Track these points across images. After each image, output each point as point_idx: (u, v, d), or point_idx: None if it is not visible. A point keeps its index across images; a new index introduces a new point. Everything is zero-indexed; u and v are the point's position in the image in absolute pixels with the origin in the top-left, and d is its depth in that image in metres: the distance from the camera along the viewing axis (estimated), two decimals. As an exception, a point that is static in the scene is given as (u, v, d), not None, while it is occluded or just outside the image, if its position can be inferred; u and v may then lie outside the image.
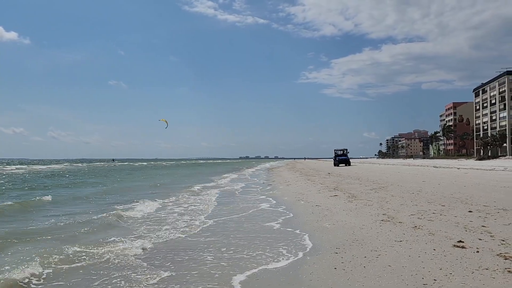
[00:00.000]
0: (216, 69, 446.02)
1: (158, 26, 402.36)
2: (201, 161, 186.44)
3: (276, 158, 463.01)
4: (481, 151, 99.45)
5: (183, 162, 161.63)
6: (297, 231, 8.89)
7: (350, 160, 61.11)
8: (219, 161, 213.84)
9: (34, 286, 5.67)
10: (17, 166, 78.44)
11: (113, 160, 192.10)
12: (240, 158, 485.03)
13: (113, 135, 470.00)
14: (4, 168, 67.30)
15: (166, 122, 42.06)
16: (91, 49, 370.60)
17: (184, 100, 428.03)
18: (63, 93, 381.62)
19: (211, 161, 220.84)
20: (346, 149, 61.51)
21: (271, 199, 16.23)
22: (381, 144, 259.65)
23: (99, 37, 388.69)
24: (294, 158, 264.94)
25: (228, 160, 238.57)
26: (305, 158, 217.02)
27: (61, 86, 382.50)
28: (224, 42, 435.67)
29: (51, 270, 6.28)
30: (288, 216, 11.26)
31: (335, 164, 58.25)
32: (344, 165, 56.98)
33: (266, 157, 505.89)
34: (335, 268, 5.79)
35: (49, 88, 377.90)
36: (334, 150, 62.61)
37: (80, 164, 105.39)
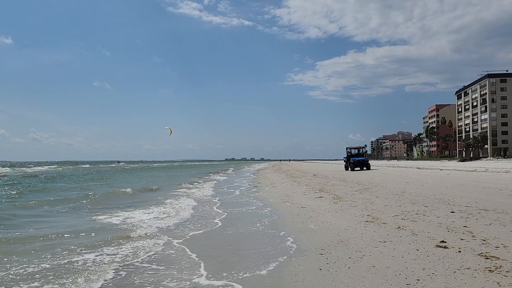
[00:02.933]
0: (200, 70, 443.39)
1: (143, 27, 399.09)
2: (197, 163, 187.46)
3: (262, 159, 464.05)
4: (463, 153, 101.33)
5: (188, 164, 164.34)
6: (282, 233, 8.89)
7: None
8: (206, 163, 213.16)
9: None
10: (38, 168, 77.61)
11: (118, 162, 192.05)
12: (226, 160, 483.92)
13: (96, 137, 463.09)
14: (27, 170, 66.10)
15: (170, 130, 41.98)
16: (75, 49, 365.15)
17: (169, 101, 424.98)
18: (46, 94, 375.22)
19: (199, 162, 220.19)
20: (363, 147, 45.87)
21: (257, 201, 16.22)
22: (366, 145, 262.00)
23: (83, 37, 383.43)
24: (280, 160, 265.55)
25: (216, 162, 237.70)
26: (289, 160, 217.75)
27: (44, 87, 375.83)
28: (209, 43, 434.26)
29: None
30: (273, 218, 11.26)
31: (347, 168, 42.02)
32: (360, 169, 40.65)
33: (252, 159, 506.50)
34: (320, 269, 5.81)
35: (32, 88, 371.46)
36: (347, 148, 44.73)
37: (84, 165, 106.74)
